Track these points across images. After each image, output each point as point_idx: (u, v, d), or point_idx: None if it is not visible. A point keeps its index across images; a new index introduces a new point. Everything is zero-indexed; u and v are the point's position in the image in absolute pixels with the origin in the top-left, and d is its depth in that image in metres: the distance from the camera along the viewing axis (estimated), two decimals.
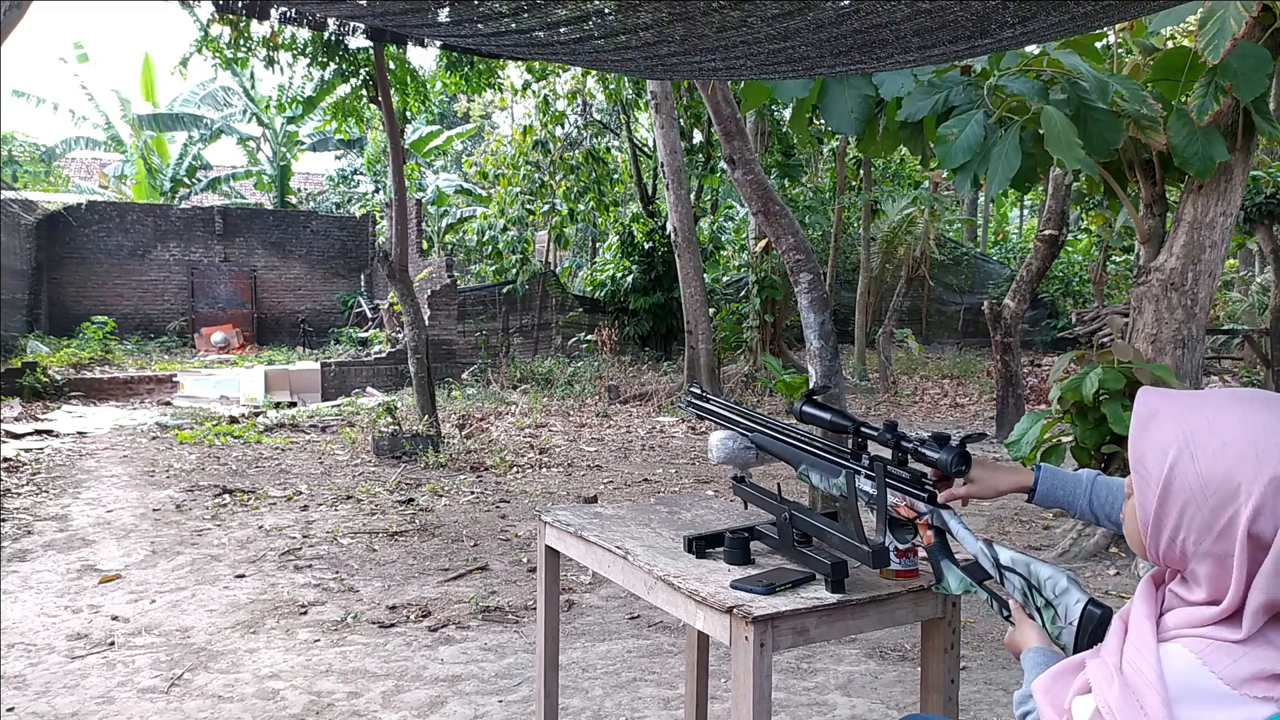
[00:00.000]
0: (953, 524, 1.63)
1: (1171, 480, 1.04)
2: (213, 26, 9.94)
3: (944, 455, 1.60)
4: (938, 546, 1.66)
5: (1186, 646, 1.03)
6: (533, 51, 2.86)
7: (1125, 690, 1.03)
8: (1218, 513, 1.01)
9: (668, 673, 3.63)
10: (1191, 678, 1.01)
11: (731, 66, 2.74)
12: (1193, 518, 1.03)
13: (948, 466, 1.60)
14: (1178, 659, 1.03)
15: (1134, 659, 1.06)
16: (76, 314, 18.55)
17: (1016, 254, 23.93)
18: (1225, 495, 1.00)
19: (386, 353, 14.60)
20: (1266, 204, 9.80)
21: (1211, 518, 1.01)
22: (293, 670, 3.64)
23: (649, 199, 17.61)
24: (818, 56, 2.44)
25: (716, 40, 2.26)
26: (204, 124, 21.99)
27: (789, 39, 2.23)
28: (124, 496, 6.81)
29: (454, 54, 10.76)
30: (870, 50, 2.36)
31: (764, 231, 5.99)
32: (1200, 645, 1.03)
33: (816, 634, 1.70)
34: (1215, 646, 1.02)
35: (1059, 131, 3.39)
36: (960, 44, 2.29)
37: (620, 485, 7.49)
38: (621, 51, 2.47)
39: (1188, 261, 4.76)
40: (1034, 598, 1.44)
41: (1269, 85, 4.10)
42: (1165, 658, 1.04)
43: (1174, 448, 1.04)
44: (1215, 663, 1.01)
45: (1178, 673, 1.02)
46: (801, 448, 1.88)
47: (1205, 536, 1.02)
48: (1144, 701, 1.01)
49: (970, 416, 11.73)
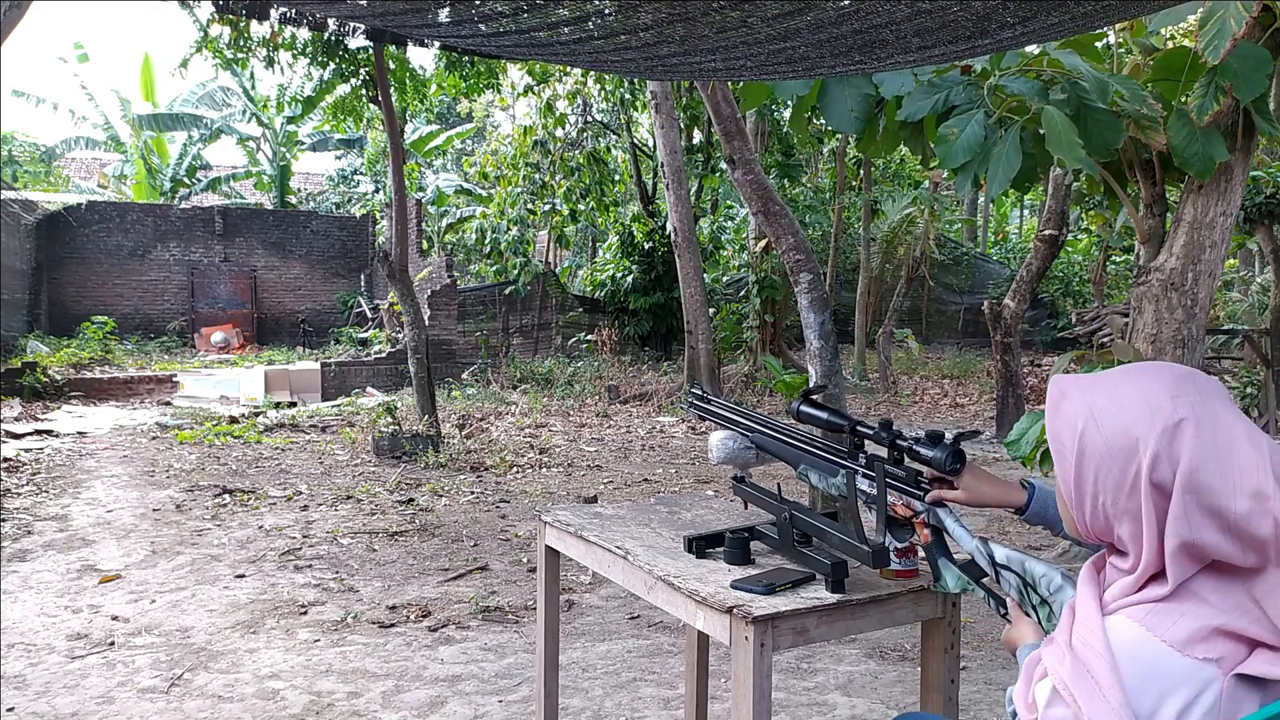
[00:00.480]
0: (949, 522, 1.64)
1: (1083, 449, 1.12)
2: (212, 27, 9.94)
3: (938, 453, 1.60)
4: (935, 545, 1.66)
5: (1129, 616, 1.08)
6: (533, 52, 2.86)
7: (1076, 664, 1.08)
8: (1125, 469, 1.09)
9: (668, 673, 3.63)
10: (1138, 645, 1.05)
11: (732, 67, 2.74)
12: (1105, 478, 1.10)
13: (942, 464, 1.60)
14: (1122, 629, 1.08)
15: (1082, 634, 1.10)
16: (76, 314, 18.54)
17: (1016, 254, 23.93)
18: (1127, 451, 1.08)
19: (386, 353, 14.60)
20: (1266, 204, 9.80)
21: (1120, 475, 1.09)
22: (293, 670, 3.64)
23: (649, 199, 17.61)
24: (818, 57, 2.44)
25: (717, 41, 2.26)
26: (204, 124, 21.99)
27: (789, 39, 2.23)
28: (124, 496, 6.81)
29: (454, 55, 10.76)
30: (870, 50, 2.36)
31: (764, 231, 5.99)
32: (1140, 612, 1.07)
33: (816, 634, 1.70)
34: (1154, 611, 1.07)
35: (1060, 131, 3.39)
36: (961, 44, 2.29)
37: (620, 485, 7.49)
38: (621, 52, 2.47)
39: (1188, 261, 4.75)
40: (1029, 595, 1.45)
41: (1269, 85, 4.10)
42: (1110, 630, 1.08)
43: (1081, 419, 1.13)
44: (1157, 627, 1.05)
45: (1124, 642, 1.06)
46: (800, 448, 1.88)
47: (1119, 495, 1.10)
48: (1094, 671, 1.05)
49: (970, 416, 11.73)
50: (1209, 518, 1.04)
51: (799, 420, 1.89)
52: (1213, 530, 1.04)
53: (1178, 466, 1.05)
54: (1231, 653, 1.03)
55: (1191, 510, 1.04)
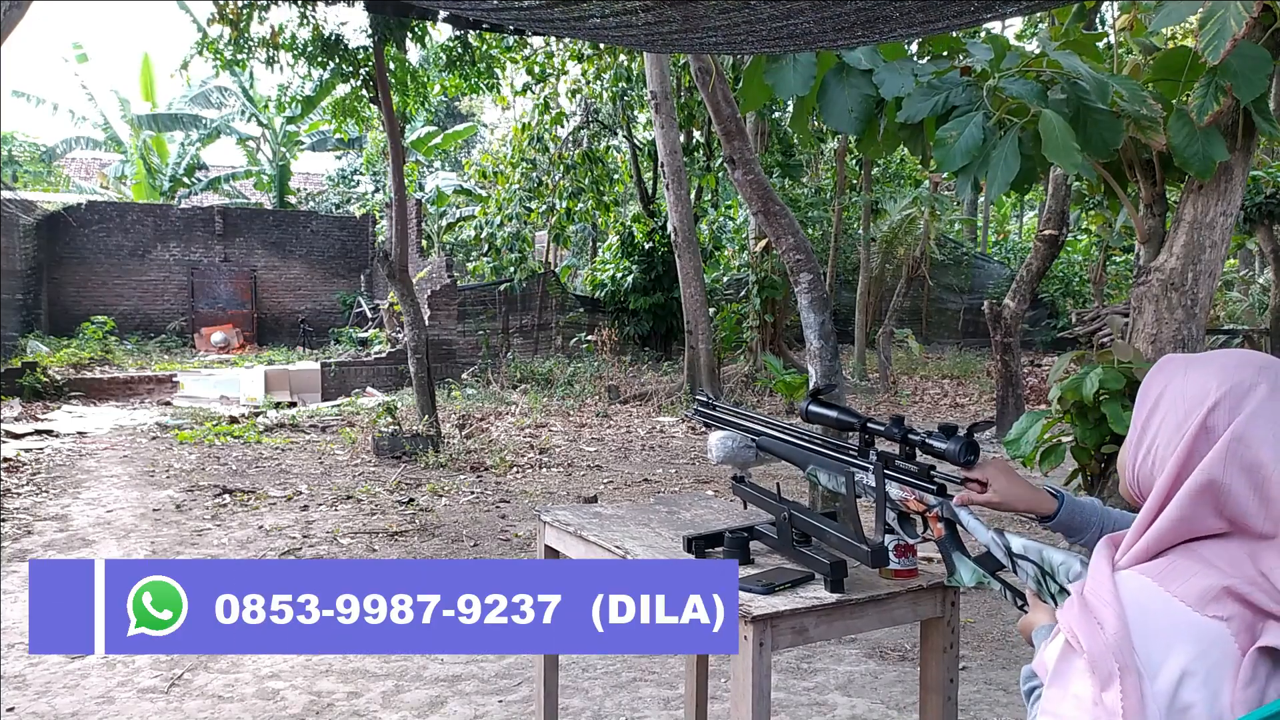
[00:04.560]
0: (963, 515, 1.62)
1: (1161, 396, 1.16)
2: (212, 27, 9.94)
3: (951, 445, 1.59)
4: (948, 539, 1.65)
5: (1140, 571, 1.09)
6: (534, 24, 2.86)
7: (1084, 610, 1.08)
8: (1188, 414, 1.11)
9: (668, 673, 3.63)
10: (1148, 597, 1.06)
11: (733, 41, 2.74)
12: (1167, 421, 1.13)
13: (955, 456, 1.58)
14: (1133, 582, 1.08)
15: (1093, 585, 1.11)
16: (76, 314, 18.53)
17: (1016, 254, 23.91)
18: (1197, 399, 1.11)
19: (386, 353, 14.60)
20: (1266, 204, 9.81)
21: (1182, 418, 1.12)
22: (293, 670, 3.64)
23: (649, 199, 17.60)
24: (820, 32, 2.44)
25: (719, 19, 2.27)
26: (203, 124, 21.99)
27: (792, 17, 2.23)
28: (124, 496, 6.81)
29: (453, 53, 10.76)
30: (874, 26, 2.36)
31: (764, 231, 5.99)
32: (1153, 568, 1.09)
33: (815, 633, 1.71)
34: (1166, 567, 1.08)
35: (1057, 137, 3.39)
36: (965, 17, 2.30)
37: (620, 485, 7.49)
38: (623, 28, 2.47)
39: (1188, 261, 4.75)
40: (1047, 584, 1.44)
41: (1269, 85, 4.09)
42: (1121, 583, 1.09)
43: (1172, 375, 1.17)
44: (1169, 582, 1.06)
45: (1133, 593, 1.07)
46: (808, 448, 1.88)
47: (1174, 436, 1.12)
48: (1101, 619, 1.06)
49: (970, 416, 11.73)
50: (1245, 470, 1.06)
51: (808, 420, 1.88)
52: (1243, 482, 1.06)
53: (1236, 417, 1.08)
54: (1240, 615, 1.03)
55: (1232, 455, 1.06)
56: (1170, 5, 3.74)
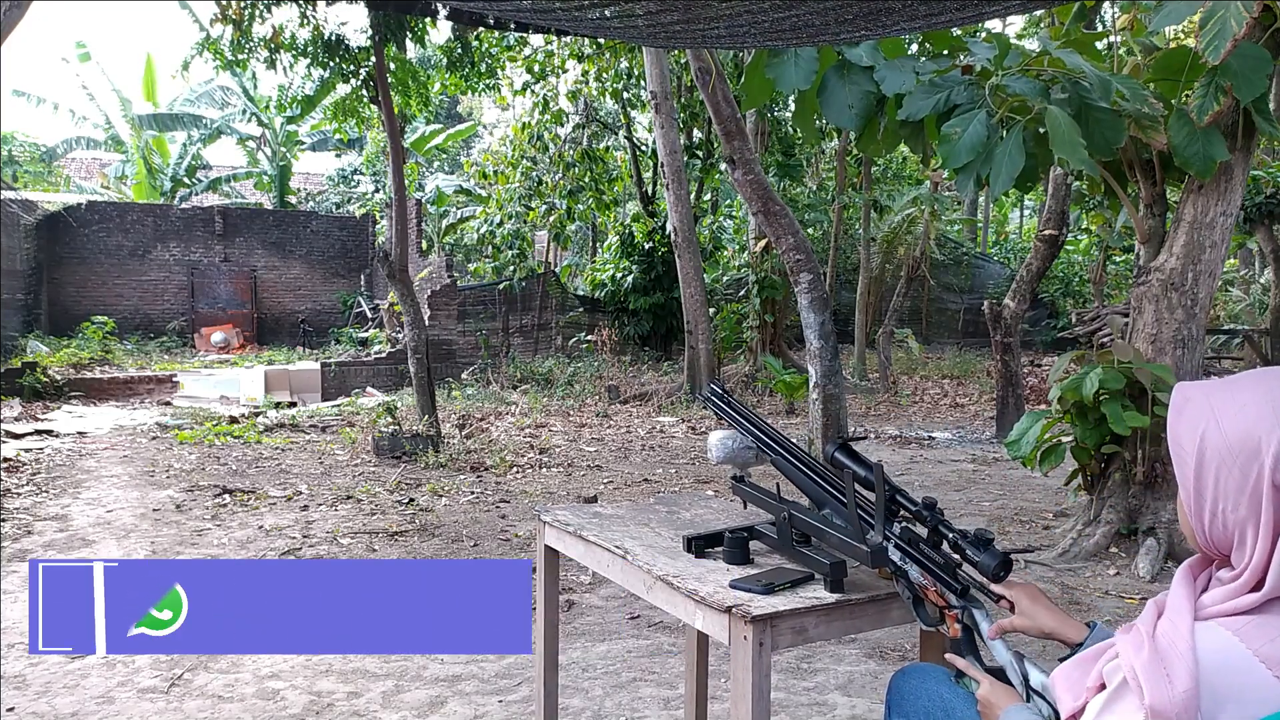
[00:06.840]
0: (985, 626, 1.53)
1: (1204, 450, 1.08)
2: (214, 27, 9.93)
3: (986, 559, 1.46)
4: (964, 643, 1.55)
5: (1223, 625, 1.04)
6: (536, 17, 2.86)
7: (1154, 657, 1.04)
8: (1246, 472, 1.04)
9: (668, 673, 3.63)
10: (1227, 654, 1.01)
11: (735, 34, 2.74)
12: (1225, 481, 1.06)
13: (988, 571, 1.47)
14: (1213, 637, 1.03)
15: (1168, 630, 1.06)
16: (76, 314, 18.54)
17: (1016, 254, 23.92)
18: (1250, 453, 1.04)
19: (386, 353, 14.60)
20: (1266, 204, 9.81)
21: (1242, 478, 1.05)
22: (293, 670, 3.64)
23: (649, 199, 17.60)
24: (822, 24, 2.44)
25: (721, 9, 2.27)
26: (204, 124, 21.99)
27: (794, 9, 2.23)
28: (124, 496, 6.81)
29: (453, 53, 10.76)
30: (876, 19, 2.37)
31: (764, 231, 5.99)
32: (1236, 624, 1.03)
33: (815, 633, 1.70)
34: (1251, 623, 1.02)
35: (1063, 132, 3.39)
36: (967, 11, 2.30)
37: (620, 485, 7.49)
38: (626, 23, 2.48)
39: (1188, 261, 4.75)
40: None
41: (1269, 85, 4.10)
42: (1200, 636, 1.04)
43: (1203, 422, 1.09)
44: (1252, 639, 1.01)
45: (1213, 649, 1.02)
46: (824, 489, 1.82)
47: (1240, 499, 1.05)
48: (1172, 671, 1.01)
49: (970, 416, 11.72)
50: None
51: (831, 465, 1.79)
52: None
53: None
54: None
55: None
56: (1170, 5, 3.74)
